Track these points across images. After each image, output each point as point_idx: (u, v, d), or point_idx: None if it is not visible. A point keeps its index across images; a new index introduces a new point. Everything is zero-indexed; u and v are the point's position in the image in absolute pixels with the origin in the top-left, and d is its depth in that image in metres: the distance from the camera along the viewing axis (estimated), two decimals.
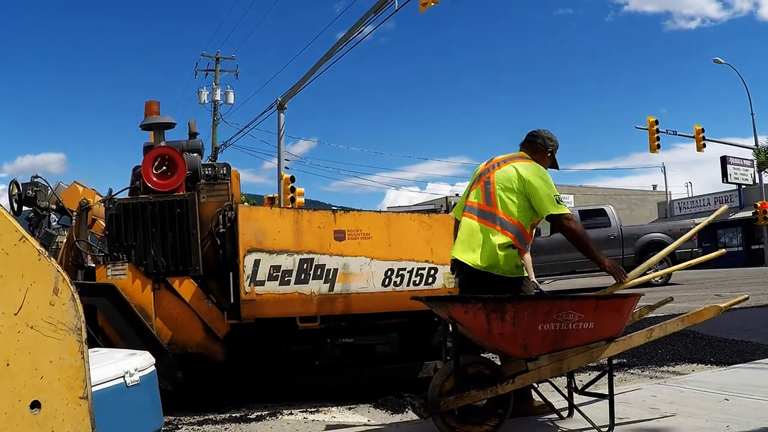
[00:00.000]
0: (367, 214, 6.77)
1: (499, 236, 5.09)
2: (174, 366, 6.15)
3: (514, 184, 5.14)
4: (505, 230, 5.11)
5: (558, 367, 4.70)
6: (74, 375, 1.97)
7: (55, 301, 1.95)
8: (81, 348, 1.98)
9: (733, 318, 10.94)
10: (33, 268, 1.96)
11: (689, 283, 21.34)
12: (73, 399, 1.97)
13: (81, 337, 1.99)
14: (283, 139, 30.32)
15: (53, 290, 1.95)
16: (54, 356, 1.95)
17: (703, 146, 36.63)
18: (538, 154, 5.40)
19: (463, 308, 4.49)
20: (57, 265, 1.98)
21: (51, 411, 1.94)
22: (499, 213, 5.15)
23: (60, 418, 1.95)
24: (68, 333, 1.97)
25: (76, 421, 1.97)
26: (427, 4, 17.86)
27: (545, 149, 5.40)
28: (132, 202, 6.50)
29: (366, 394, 6.53)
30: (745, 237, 45.78)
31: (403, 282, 6.53)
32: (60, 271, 1.98)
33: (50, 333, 1.94)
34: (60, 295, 1.96)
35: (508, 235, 5.07)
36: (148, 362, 3.86)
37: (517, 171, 5.17)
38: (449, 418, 4.47)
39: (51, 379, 1.95)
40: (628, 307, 4.80)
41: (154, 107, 7.29)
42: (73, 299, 1.97)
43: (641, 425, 4.81)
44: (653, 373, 7.36)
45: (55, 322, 1.94)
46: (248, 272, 6.17)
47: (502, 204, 5.16)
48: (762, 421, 4.62)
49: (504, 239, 5.07)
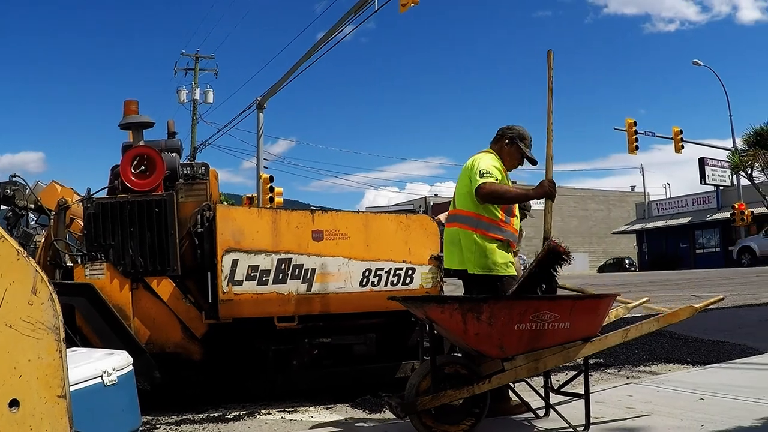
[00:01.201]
0: (345, 215, 6.79)
1: (464, 233, 5.23)
2: (152, 366, 6.13)
3: (464, 177, 5.36)
4: (467, 225, 5.24)
5: (534, 367, 4.76)
6: (52, 374, 1.98)
7: (33, 301, 1.96)
8: (59, 347, 1.99)
9: (710, 318, 11.05)
10: (12, 267, 1.98)
11: (666, 284, 21.50)
12: (51, 398, 1.98)
13: (59, 337, 2.00)
14: (262, 138, 30.38)
15: (32, 290, 1.96)
16: (32, 355, 1.97)
17: (681, 148, 36.96)
18: (497, 144, 5.58)
19: (440, 308, 4.54)
20: (36, 265, 2.00)
21: (29, 410, 1.95)
22: (460, 211, 5.30)
23: (38, 417, 1.96)
24: (46, 332, 1.98)
25: (54, 420, 1.98)
26: (407, 5, 17.95)
27: (502, 137, 5.54)
28: (110, 201, 6.47)
29: (344, 394, 6.55)
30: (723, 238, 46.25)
31: (380, 282, 6.55)
32: (38, 270, 1.99)
33: (28, 332, 1.95)
34: (38, 295, 1.97)
35: (472, 230, 5.19)
36: (125, 362, 3.87)
37: (466, 164, 5.40)
38: (426, 417, 4.52)
39: (29, 378, 1.96)
40: (603, 307, 4.86)
41: (132, 106, 7.27)
42: (52, 299, 1.99)
43: (617, 424, 4.87)
44: (630, 373, 7.41)
45: (34, 321, 1.96)
46: (226, 272, 6.17)
47: (460, 201, 5.36)
48: (737, 420, 4.69)
49: (470, 234, 5.19)
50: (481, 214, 5.23)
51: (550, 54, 5.43)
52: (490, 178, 5.10)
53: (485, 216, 5.23)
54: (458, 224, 5.36)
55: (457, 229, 5.36)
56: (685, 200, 53.66)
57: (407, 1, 17.90)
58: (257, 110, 29.70)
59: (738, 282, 20.94)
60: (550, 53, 5.43)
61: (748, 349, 8.28)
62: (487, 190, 5.08)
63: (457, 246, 5.37)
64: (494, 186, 5.09)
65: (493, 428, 4.93)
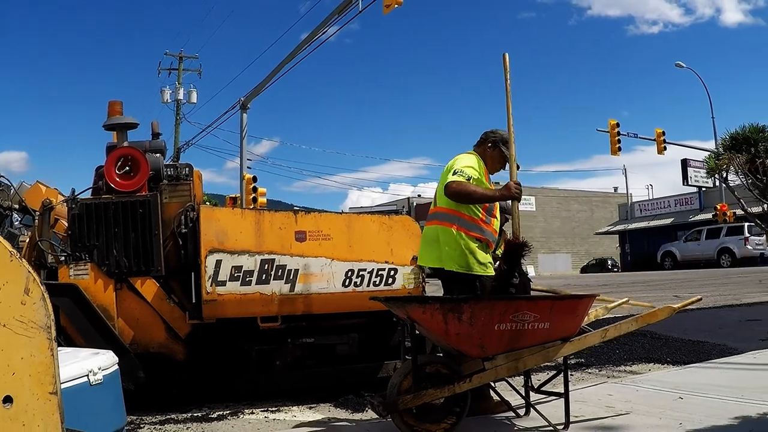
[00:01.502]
0: (327, 216, 6.85)
1: (444, 230, 5.30)
2: (136, 366, 6.14)
3: (444, 175, 5.42)
4: (448, 222, 5.32)
5: (514, 366, 4.79)
6: (44, 371, 2.04)
7: (26, 301, 2.02)
8: (50, 345, 2.05)
9: (691, 319, 11.14)
10: (5, 268, 2.03)
11: (649, 284, 21.62)
12: (43, 394, 2.04)
13: (50, 335, 2.06)
14: (245, 139, 30.29)
15: (24, 290, 2.02)
16: (25, 353, 2.02)
17: (664, 149, 37.15)
18: (480, 147, 5.64)
19: (421, 308, 4.57)
20: (28, 266, 2.05)
21: (22, 406, 2.01)
22: (441, 209, 5.38)
23: (31, 413, 2.02)
24: (39, 331, 2.04)
25: (46, 416, 2.04)
26: (390, 6, 17.98)
27: (485, 140, 5.62)
28: (95, 202, 6.50)
29: (326, 394, 6.58)
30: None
31: (363, 282, 6.60)
32: (31, 271, 2.04)
33: (21, 331, 2.01)
34: (31, 295, 2.03)
35: (453, 227, 5.26)
36: (111, 361, 3.90)
37: (448, 163, 5.48)
38: (407, 416, 4.55)
39: (22, 376, 2.02)
40: (583, 307, 4.90)
41: (117, 107, 7.31)
42: (43, 299, 2.05)
43: (596, 423, 4.90)
44: (610, 373, 7.48)
45: (26, 320, 2.02)
46: (210, 272, 6.21)
47: (440, 200, 5.44)
48: (714, 419, 4.73)
49: (450, 232, 5.27)
50: (461, 212, 5.30)
51: (506, 57, 5.50)
52: (460, 177, 5.16)
53: (465, 214, 5.29)
54: (438, 221, 5.42)
55: (436, 226, 5.42)
56: (667, 201, 53.82)
57: (391, 3, 17.93)
58: (241, 110, 29.64)
59: (720, 283, 21.08)
60: (505, 56, 5.49)
61: (728, 349, 8.34)
62: (453, 188, 5.15)
63: (435, 243, 5.42)
64: (462, 185, 5.15)
65: (474, 427, 4.96)
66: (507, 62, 5.47)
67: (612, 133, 35.28)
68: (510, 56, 5.41)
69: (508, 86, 5.43)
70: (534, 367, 5.45)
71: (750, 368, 6.88)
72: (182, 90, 43.15)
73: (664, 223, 51.05)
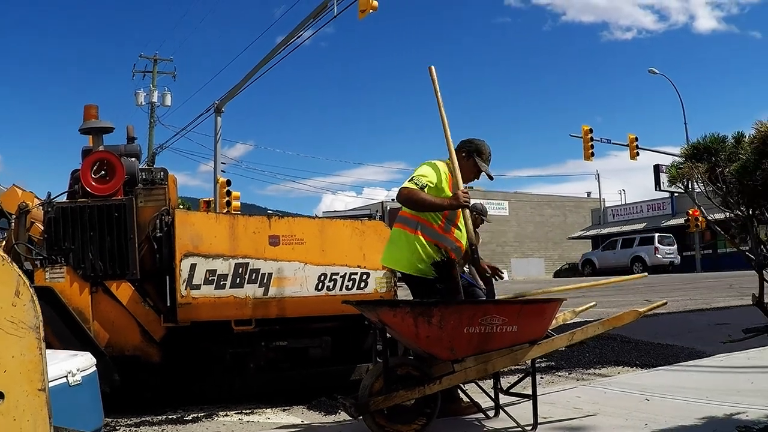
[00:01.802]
0: (301, 220, 6.91)
1: (407, 235, 5.41)
2: (111, 368, 6.16)
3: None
4: (409, 227, 5.43)
5: (484, 369, 4.87)
6: (33, 369, 2.15)
7: (16, 303, 2.12)
8: (39, 345, 2.16)
9: (661, 323, 11.27)
10: None
11: (620, 288, 21.77)
12: (32, 391, 2.14)
13: (39, 335, 2.16)
14: (219, 142, 30.19)
15: (15, 292, 2.12)
16: (16, 352, 2.13)
17: (636, 154, 37.41)
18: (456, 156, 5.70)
19: (392, 312, 4.65)
20: (18, 270, 2.15)
21: (13, 401, 2.11)
22: (404, 213, 5.51)
23: (21, 408, 2.12)
24: (28, 331, 2.14)
25: (35, 411, 2.14)
26: (365, 11, 18.05)
27: (459, 150, 5.69)
28: (71, 205, 6.52)
29: (300, 396, 6.63)
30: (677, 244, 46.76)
31: (336, 286, 6.68)
32: (21, 275, 2.15)
33: (12, 331, 2.11)
34: (21, 297, 2.13)
35: (413, 232, 5.39)
36: (89, 362, 3.96)
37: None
38: (379, 417, 4.61)
39: (13, 373, 2.12)
40: (550, 311, 5.00)
41: (93, 111, 7.32)
42: (33, 301, 2.15)
43: (564, 424, 4.98)
44: (580, 376, 7.54)
45: (17, 321, 2.12)
46: (185, 276, 6.26)
47: None
48: (679, 419, 4.82)
49: (410, 236, 5.39)
50: (419, 217, 5.41)
51: (432, 70, 5.64)
52: (412, 185, 5.26)
53: (424, 219, 5.40)
54: (401, 225, 5.52)
55: (400, 229, 5.53)
56: (640, 206, 54.12)
57: (366, 8, 18.00)
58: (215, 114, 29.59)
59: (691, 287, 21.30)
60: (431, 69, 5.64)
61: (696, 352, 8.43)
62: (404, 195, 5.27)
63: (395, 245, 5.55)
64: (412, 192, 5.24)
65: (444, 428, 5.03)
66: (434, 74, 5.63)
67: (585, 139, 35.48)
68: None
69: (439, 98, 5.59)
70: (503, 370, 5.56)
71: (716, 371, 6.97)
72: (157, 93, 42.99)
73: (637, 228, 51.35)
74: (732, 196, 4.13)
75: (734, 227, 4.40)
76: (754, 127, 3.90)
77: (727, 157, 4.13)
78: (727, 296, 16.12)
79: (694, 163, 4.19)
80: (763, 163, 3.79)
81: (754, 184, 3.91)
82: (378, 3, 18.05)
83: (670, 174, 4.67)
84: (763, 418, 4.66)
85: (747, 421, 4.63)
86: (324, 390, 6.64)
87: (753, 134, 3.95)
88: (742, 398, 5.40)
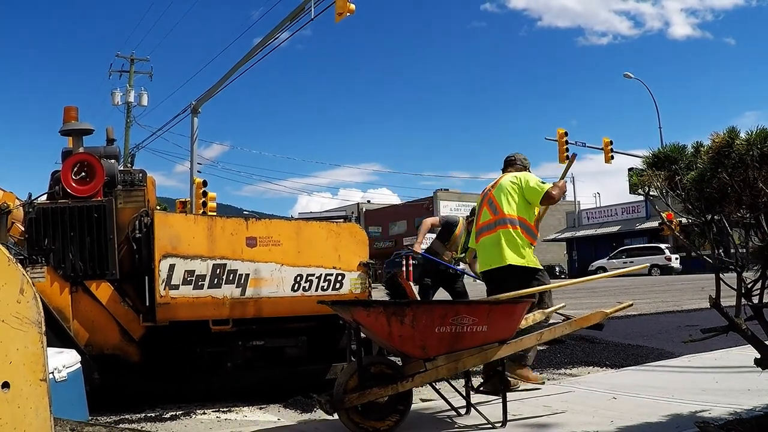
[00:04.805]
0: (277, 222, 6.98)
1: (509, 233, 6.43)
2: (91, 367, 6.16)
3: (510, 187, 6.65)
4: (514, 226, 6.48)
5: (455, 367, 5.00)
6: (36, 361, 2.31)
7: (21, 300, 2.29)
8: (41, 338, 2.32)
9: (632, 324, 11.48)
10: (4, 271, 2.30)
11: (594, 290, 21.96)
12: (35, 381, 2.31)
13: (41, 330, 2.33)
14: (196, 143, 30.23)
15: (19, 290, 2.28)
16: (20, 345, 2.30)
17: (611, 158, 37.80)
18: (513, 167, 7.06)
19: (366, 312, 4.77)
20: (22, 269, 2.31)
21: (18, 390, 2.28)
22: (502, 216, 6.53)
23: (24, 396, 2.29)
24: (31, 326, 2.30)
25: (38, 399, 2.31)
26: (342, 14, 18.17)
27: (514, 162, 6.48)
28: (51, 206, 6.56)
29: (276, 395, 6.71)
30: None
31: (311, 287, 6.77)
32: (24, 274, 2.31)
33: (17, 326, 2.27)
34: (25, 294, 2.30)
35: (516, 230, 6.46)
36: (75, 359, 4.08)
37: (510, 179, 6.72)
38: (353, 414, 4.72)
39: (17, 364, 2.29)
40: (519, 312, 5.15)
41: (72, 113, 7.35)
42: (35, 298, 2.32)
43: (533, 421, 5.11)
44: (550, 375, 7.60)
45: (21, 316, 2.28)
46: (163, 276, 6.34)
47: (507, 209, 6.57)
48: (644, 417, 4.95)
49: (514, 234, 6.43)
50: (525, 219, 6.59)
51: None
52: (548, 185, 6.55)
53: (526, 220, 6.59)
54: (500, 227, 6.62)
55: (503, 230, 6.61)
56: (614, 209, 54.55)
57: (343, 11, 18.12)
58: (191, 114, 29.59)
59: (663, 290, 21.54)
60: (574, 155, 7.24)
61: (665, 353, 8.56)
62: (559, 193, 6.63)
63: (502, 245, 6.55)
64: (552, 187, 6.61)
65: (417, 425, 5.14)
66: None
67: (560, 142, 35.79)
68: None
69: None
70: (474, 369, 5.70)
71: (683, 371, 7.13)
72: (133, 92, 42.89)
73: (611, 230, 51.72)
74: (690, 202, 4.31)
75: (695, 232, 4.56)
76: (710, 138, 4.08)
77: (686, 165, 4.31)
78: (698, 298, 16.32)
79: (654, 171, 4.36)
80: (718, 172, 3.97)
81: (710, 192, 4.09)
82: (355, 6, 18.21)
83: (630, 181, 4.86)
84: (726, 415, 4.79)
85: (709, 417, 4.76)
86: (300, 389, 6.72)
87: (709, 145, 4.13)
88: (706, 396, 5.55)
